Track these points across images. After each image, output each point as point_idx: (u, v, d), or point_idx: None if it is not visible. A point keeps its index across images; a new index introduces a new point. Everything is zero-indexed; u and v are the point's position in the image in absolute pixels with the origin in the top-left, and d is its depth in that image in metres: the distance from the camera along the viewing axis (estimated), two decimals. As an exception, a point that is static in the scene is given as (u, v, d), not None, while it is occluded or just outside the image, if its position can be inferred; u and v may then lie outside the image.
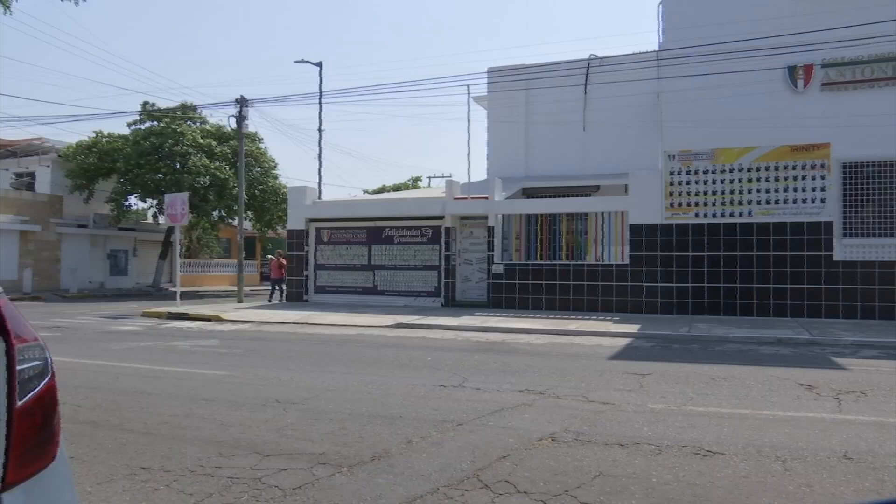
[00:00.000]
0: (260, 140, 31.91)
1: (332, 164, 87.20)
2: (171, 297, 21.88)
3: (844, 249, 14.46)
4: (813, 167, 14.67)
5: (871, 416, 5.81)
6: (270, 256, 18.97)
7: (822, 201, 14.59)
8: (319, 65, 28.29)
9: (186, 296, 24.25)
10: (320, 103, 27.88)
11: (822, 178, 14.60)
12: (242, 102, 21.37)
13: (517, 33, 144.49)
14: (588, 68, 19.64)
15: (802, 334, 11.84)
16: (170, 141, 27.78)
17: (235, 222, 26.68)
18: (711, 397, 6.68)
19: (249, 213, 31.02)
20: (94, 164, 28.41)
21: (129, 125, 29.87)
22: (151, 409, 6.15)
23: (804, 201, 14.71)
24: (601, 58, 19.73)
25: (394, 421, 5.64)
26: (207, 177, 27.65)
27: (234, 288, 23.48)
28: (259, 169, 31.14)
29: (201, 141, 28.80)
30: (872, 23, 13.57)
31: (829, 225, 14.53)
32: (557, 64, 19.42)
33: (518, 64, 20.54)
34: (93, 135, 29.41)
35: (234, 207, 26.92)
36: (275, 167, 32.13)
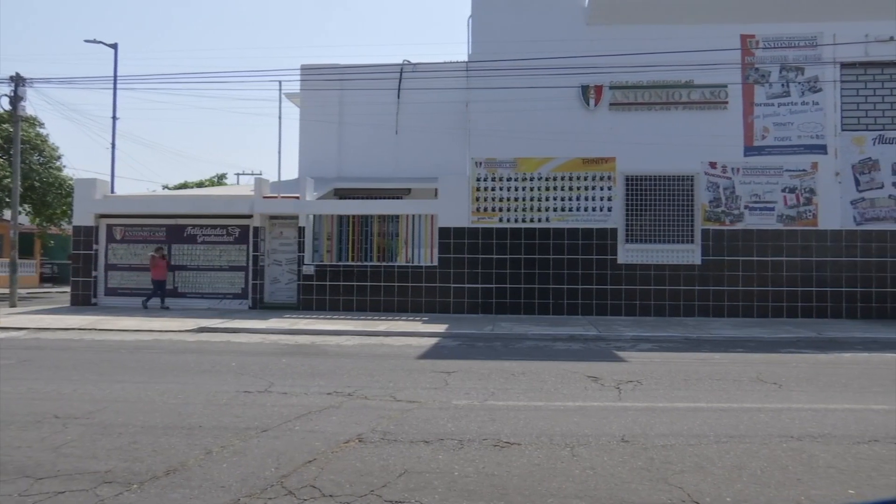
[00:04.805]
0: (41, 125, 28.58)
1: (128, 156, 79.97)
2: (-77, 301, 18.83)
3: (626, 253, 16.11)
4: (601, 178, 16.18)
5: (645, 403, 6.53)
6: (152, 254, 17.01)
7: (609, 210, 16.14)
8: (115, 46, 25.93)
9: (-57, 300, 21.11)
10: (115, 88, 25.53)
11: (609, 188, 16.16)
12: (18, 81, 18.89)
13: (337, 34, 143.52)
14: (402, 73, 19.94)
15: (591, 331, 13.00)
16: (-77, 120, 23.92)
17: (8, 216, 23.57)
18: (511, 392, 7.08)
19: (26, 206, 27.61)
20: None
21: None
22: None
23: (594, 209, 16.18)
24: (414, 64, 20.15)
25: (192, 431, 5.31)
26: (-28, 164, 24.19)
27: (7, 291, 20.73)
28: (39, 157, 27.83)
29: (-35, 122, 25.13)
30: (649, 53, 15.31)
31: (614, 231, 16.11)
32: (372, 66, 19.50)
33: (332, 63, 20.33)
34: None
35: (7, 200, 23.80)
36: (59, 156, 28.96)
